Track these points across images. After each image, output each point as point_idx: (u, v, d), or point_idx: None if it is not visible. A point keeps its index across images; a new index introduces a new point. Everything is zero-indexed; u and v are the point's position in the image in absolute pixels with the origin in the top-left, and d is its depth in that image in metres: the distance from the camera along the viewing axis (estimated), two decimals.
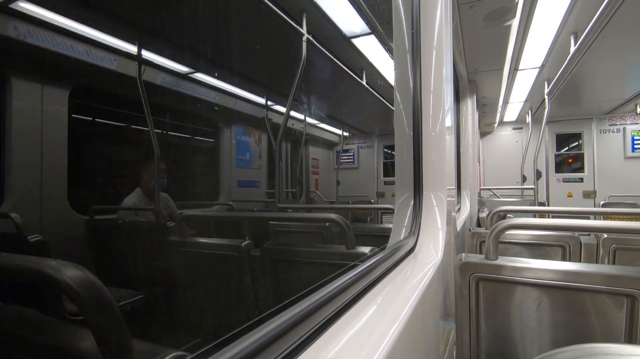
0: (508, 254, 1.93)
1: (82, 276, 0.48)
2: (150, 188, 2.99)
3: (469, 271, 1.14)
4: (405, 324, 0.64)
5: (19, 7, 2.33)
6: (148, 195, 3.02)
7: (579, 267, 1.03)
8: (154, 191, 3.00)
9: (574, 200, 6.73)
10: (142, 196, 3.00)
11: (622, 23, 2.89)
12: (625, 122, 6.46)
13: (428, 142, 1.31)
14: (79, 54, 2.76)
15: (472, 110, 4.36)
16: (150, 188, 2.99)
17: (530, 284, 1.07)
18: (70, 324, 0.61)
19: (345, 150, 8.11)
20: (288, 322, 0.44)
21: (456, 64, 3.51)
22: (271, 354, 0.41)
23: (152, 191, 3.00)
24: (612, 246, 1.74)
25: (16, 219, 1.96)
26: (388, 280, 0.86)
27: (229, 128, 4.92)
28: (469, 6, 2.53)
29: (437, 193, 1.30)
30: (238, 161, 5.06)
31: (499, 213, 2.11)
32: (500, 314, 1.13)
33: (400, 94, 1.36)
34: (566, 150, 7.05)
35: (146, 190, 3.00)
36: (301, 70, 2.58)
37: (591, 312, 1.00)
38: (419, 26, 1.36)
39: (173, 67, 3.59)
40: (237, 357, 0.36)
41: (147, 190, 3.00)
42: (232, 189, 4.90)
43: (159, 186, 2.77)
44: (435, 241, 1.21)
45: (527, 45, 3.40)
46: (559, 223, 1.22)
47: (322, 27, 2.88)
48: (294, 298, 0.52)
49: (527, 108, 6.11)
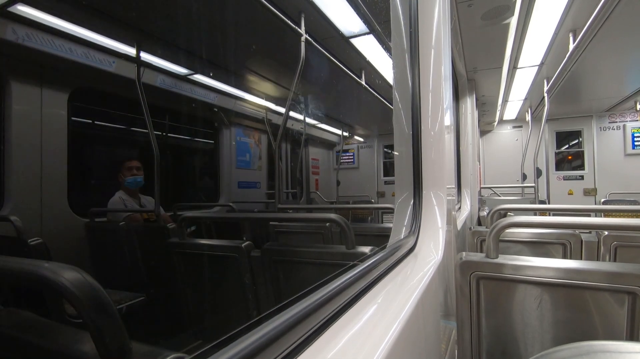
0: (509, 252, 1.92)
1: (80, 278, 0.48)
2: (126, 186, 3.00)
3: (469, 270, 1.13)
4: (406, 323, 0.64)
5: (17, 11, 2.33)
6: (130, 194, 3.02)
7: (580, 265, 1.02)
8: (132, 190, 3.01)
9: (575, 197, 6.73)
10: (126, 195, 3.00)
11: (620, 20, 2.89)
12: (625, 119, 6.46)
13: (427, 141, 1.31)
14: (77, 57, 2.76)
15: (471, 109, 4.36)
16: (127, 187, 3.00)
17: (531, 282, 1.07)
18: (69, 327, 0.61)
19: (345, 150, 8.11)
20: (288, 322, 0.44)
21: (455, 63, 3.51)
22: (271, 355, 0.41)
23: (132, 190, 3.01)
24: (613, 244, 1.73)
25: (16, 222, 1.95)
26: (388, 280, 0.86)
27: (228, 129, 4.92)
28: (467, 5, 2.52)
29: (437, 192, 1.30)
30: (238, 162, 5.06)
31: (499, 211, 2.10)
32: (501, 313, 1.12)
33: (399, 93, 1.36)
34: (566, 148, 7.04)
35: (126, 189, 3.01)
36: (300, 70, 2.58)
37: (592, 310, 1.00)
38: (417, 25, 1.36)
39: (171, 69, 3.59)
40: (237, 357, 0.36)
41: (126, 189, 3.01)
42: (232, 190, 4.90)
43: (158, 185, 2.76)
44: (436, 240, 1.21)
45: (526, 43, 3.40)
46: (559, 221, 1.21)
47: (320, 27, 2.88)
48: (293, 298, 0.52)
49: (527, 107, 6.11)
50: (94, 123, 3.39)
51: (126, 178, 2.97)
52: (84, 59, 2.80)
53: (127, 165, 3.00)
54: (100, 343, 0.48)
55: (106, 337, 0.48)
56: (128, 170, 2.99)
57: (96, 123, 3.41)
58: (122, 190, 3.00)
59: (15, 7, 2.30)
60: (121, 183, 3.01)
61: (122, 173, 3.00)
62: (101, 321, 0.48)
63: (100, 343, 0.48)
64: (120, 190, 3.00)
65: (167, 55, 3.35)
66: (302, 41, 2.62)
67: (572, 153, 6.96)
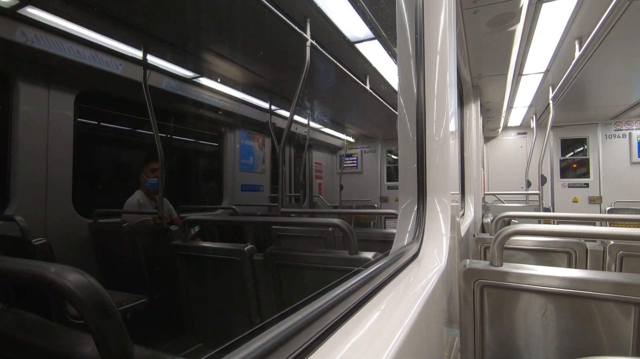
0: (513, 260, 1.91)
1: (83, 280, 0.48)
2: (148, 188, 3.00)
3: (473, 277, 1.12)
4: (409, 331, 0.63)
5: (27, 13, 2.36)
6: (149, 196, 3.03)
7: (586, 274, 1.01)
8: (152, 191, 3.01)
9: (580, 205, 6.68)
10: (144, 197, 3.01)
11: (627, 28, 2.88)
12: (631, 127, 6.42)
13: (432, 146, 1.31)
14: (85, 59, 2.79)
15: (476, 115, 4.35)
16: (148, 189, 3.01)
17: (535, 291, 1.06)
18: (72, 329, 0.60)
19: (349, 155, 8.11)
20: (291, 328, 0.44)
21: (460, 69, 3.51)
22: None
23: (152, 192, 3.02)
24: (619, 253, 1.71)
25: (21, 222, 1.97)
26: (392, 286, 0.85)
27: (232, 132, 4.94)
28: (473, 11, 2.53)
29: (440, 198, 1.29)
30: (241, 165, 5.07)
31: (503, 218, 2.09)
32: (505, 322, 1.11)
33: (404, 99, 1.36)
34: (571, 155, 7.00)
35: (146, 191, 3.02)
36: (305, 74, 2.59)
37: (598, 320, 0.99)
38: (422, 31, 1.36)
39: (177, 72, 3.62)
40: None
41: (146, 190, 3.02)
42: (235, 193, 4.91)
43: (162, 188, 2.77)
44: (439, 246, 1.20)
45: (532, 50, 3.40)
46: (564, 229, 1.20)
47: (325, 32, 2.89)
48: (296, 305, 0.52)
49: (532, 113, 6.09)
50: (99, 124, 3.41)
51: (149, 179, 2.97)
52: (91, 61, 2.83)
53: (151, 166, 2.99)
54: (102, 346, 0.48)
55: (108, 340, 0.48)
56: (152, 172, 2.98)
57: (102, 125, 3.44)
58: (141, 191, 3.01)
59: (25, 9, 2.34)
60: (141, 184, 3.01)
61: (144, 173, 3.00)
62: (104, 324, 0.48)
63: (102, 346, 0.48)
64: (139, 190, 3.01)
65: (173, 59, 3.38)
66: (307, 46, 2.64)
67: (577, 161, 6.92)
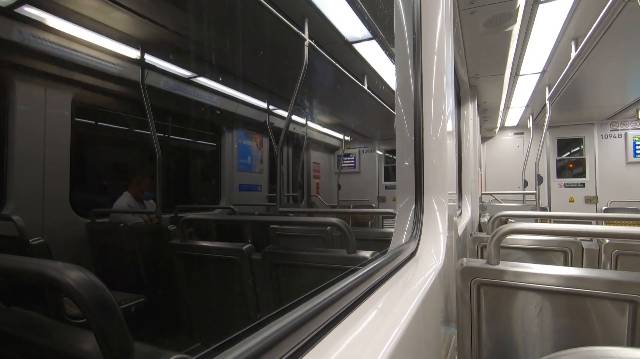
0: (509, 259, 1.92)
1: (84, 278, 0.48)
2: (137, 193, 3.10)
3: (470, 276, 1.13)
4: (406, 329, 0.64)
5: (24, 12, 2.35)
6: (137, 199, 3.08)
7: (581, 272, 1.02)
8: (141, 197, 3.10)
9: (576, 205, 6.72)
10: (133, 199, 3.06)
11: (622, 29, 2.90)
12: (627, 127, 6.46)
13: (429, 146, 1.32)
14: (82, 58, 2.78)
15: (473, 115, 4.37)
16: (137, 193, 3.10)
17: (532, 289, 1.07)
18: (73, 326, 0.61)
19: (347, 155, 8.12)
20: (288, 326, 0.44)
21: (457, 69, 3.52)
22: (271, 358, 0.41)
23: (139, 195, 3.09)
24: (614, 252, 1.73)
25: (18, 222, 1.96)
26: (389, 285, 0.86)
27: (230, 132, 4.93)
28: (470, 12, 2.54)
29: (438, 197, 1.30)
30: (239, 165, 5.07)
31: (500, 218, 2.10)
32: (502, 320, 1.12)
33: (402, 99, 1.37)
34: (567, 155, 7.04)
35: (135, 194, 3.08)
36: (303, 74, 2.60)
37: (593, 318, 1.00)
38: (420, 31, 1.37)
39: (175, 71, 3.61)
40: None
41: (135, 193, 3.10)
42: (233, 193, 4.90)
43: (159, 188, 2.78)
44: (437, 245, 1.21)
45: (528, 51, 3.41)
46: (560, 228, 1.21)
47: (323, 32, 2.90)
48: (294, 302, 0.52)
49: (528, 114, 6.12)
50: (97, 124, 3.40)
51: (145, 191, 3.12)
52: (89, 60, 2.82)
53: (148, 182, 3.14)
54: (103, 343, 0.48)
55: (110, 337, 0.48)
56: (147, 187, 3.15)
57: (99, 124, 3.42)
58: (129, 193, 3.05)
59: (22, 8, 2.33)
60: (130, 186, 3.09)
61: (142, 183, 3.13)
62: (105, 321, 0.49)
63: (103, 343, 0.48)
64: (127, 192, 3.04)
65: (171, 58, 3.37)
66: (305, 46, 2.64)
67: (573, 161, 6.96)
